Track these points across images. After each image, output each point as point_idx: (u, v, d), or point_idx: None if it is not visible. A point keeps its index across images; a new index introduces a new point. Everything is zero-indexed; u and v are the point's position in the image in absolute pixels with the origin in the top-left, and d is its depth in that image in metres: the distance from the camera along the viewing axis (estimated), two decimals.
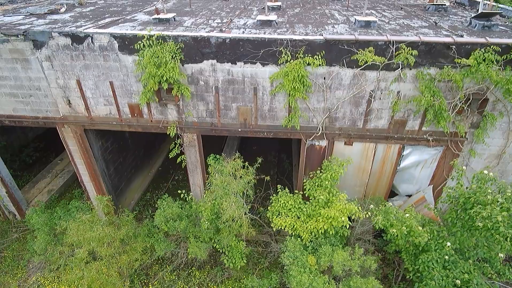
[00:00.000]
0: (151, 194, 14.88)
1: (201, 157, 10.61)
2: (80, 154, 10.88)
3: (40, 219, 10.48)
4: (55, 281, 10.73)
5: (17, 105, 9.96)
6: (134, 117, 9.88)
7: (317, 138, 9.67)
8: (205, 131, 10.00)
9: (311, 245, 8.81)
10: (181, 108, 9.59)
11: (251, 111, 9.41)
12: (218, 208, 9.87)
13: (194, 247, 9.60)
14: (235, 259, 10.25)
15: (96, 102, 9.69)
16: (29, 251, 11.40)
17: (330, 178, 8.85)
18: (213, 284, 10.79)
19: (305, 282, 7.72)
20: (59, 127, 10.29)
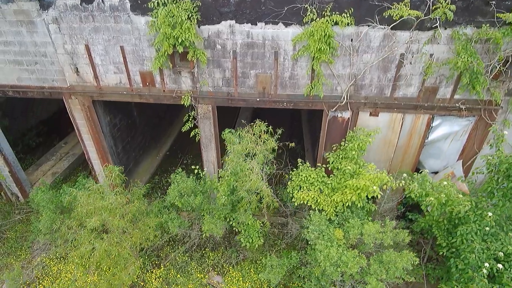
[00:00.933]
0: (160, 178, 14.32)
1: (215, 131, 10.02)
2: (88, 129, 10.31)
3: (46, 196, 9.91)
4: (61, 262, 10.17)
5: (21, 73, 9.38)
6: (146, 86, 9.30)
7: (340, 108, 9.08)
8: (220, 102, 9.42)
9: (336, 219, 8.23)
10: (196, 76, 9.00)
11: (270, 79, 8.82)
12: (235, 182, 9.30)
13: (209, 223, 9.02)
14: (251, 238, 9.70)
15: (105, 70, 9.12)
16: (33, 232, 10.83)
17: (357, 148, 8.26)
18: (228, 265, 10.22)
19: (334, 256, 7.13)
20: (66, 99, 9.72)
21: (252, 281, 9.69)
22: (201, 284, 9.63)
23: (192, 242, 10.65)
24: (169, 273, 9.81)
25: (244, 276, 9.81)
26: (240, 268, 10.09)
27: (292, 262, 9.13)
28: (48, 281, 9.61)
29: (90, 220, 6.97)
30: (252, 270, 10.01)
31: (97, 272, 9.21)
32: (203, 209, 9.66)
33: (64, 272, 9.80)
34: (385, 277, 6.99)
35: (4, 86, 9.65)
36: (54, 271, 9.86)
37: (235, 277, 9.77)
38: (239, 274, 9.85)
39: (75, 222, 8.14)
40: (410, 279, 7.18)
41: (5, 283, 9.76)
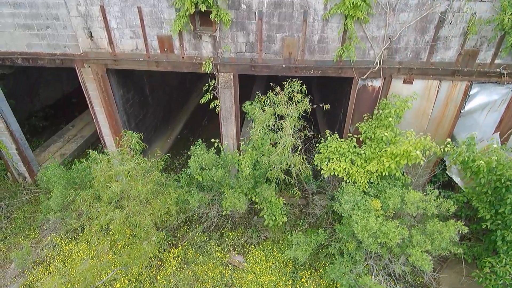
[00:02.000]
0: (172, 160, 13.75)
1: (236, 102, 9.45)
2: (101, 101, 9.75)
3: (57, 171, 9.36)
4: (72, 241, 9.62)
5: (32, 39, 8.83)
6: (164, 52, 8.73)
7: (371, 76, 8.51)
8: (243, 69, 8.85)
9: (371, 191, 7.66)
10: (218, 41, 8.44)
11: (298, 43, 8.25)
12: (260, 155, 8.77)
13: (232, 198, 8.46)
14: (274, 216, 9.15)
15: (121, 34, 8.56)
16: (42, 212, 10.28)
17: (394, 114, 7.69)
18: (249, 245, 9.65)
19: (373, 227, 6.57)
20: (79, 67, 9.16)
21: (276, 261, 9.13)
22: (222, 264, 9.07)
23: (210, 221, 10.11)
24: (188, 253, 9.24)
25: (267, 256, 9.24)
26: (262, 248, 9.52)
27: (319, 239, 8.56)
28: (59, 260, 9.06)
29: (111, 185, 6.39)
30: (275, 250, 9.45)
31: (113, 247, 8.66)
32: (223, 184, 9.11)
33: (76, 251, 9.24)
34: (430, 248, 6.42)
35: (13, 53, 9.09)
36: (65, 250, 9.31)
37: (258, 256, 9.20)
38: (262, 254, 9.28)
39: (91, 194, 7.59)
40: (457, 250, 6.60)
41: (13, 262, 9.22)
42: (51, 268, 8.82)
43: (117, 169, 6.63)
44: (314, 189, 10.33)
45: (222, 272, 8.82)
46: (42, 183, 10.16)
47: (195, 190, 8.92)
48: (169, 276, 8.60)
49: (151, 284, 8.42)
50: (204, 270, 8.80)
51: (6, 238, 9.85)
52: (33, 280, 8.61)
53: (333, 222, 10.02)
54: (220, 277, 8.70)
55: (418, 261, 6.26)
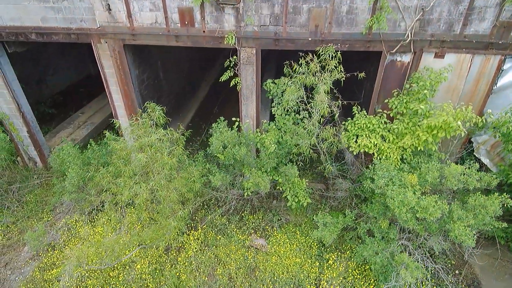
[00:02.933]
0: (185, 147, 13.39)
1: (258, 79, 9.11)
2: (117, 79, 9.42)
3: (72, 151, 9.04)
4: (88, 224, 9.28)
5: (47, 12, 8.49)
6: (184, 26, 8.39)
7: (400, 50, 8.16)
8: (266, 44, 8.51)
9: (404, 166, 7.33)
10: (241, 13, 8.10)
11: (325, 14, 7.91)
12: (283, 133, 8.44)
13: (256, 177, 8.13)
14: (298, 197, 8.82)
15: (140, 7, 8.22)
16: (55, 195, 9.98)
17: (429, 86, 7.34)
18: (270, 228, 9.32)
19: (411, 201, 6.22)
20: (95, 42, 8.82)
21: (300, 243, 8.79)
22: (243, 246, 8.73)
23: (229, 205, 9.78)
24: (208, 235, 8.90)
25: (290, 239, 8.91)
26: (285, 231, 9.19)
27: (346, 220, 8.23)
28: (74, 242, 8.72)
29: (138, 155, 6.05)
30: (297, 233, 9.11)
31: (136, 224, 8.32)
32: (243, 164, 8.77)
33: (92, 233, 8.91)
34: (473, 223, 6.07)
35: (27, 28, 8.75)
36: (80, 233, 8.97)
37: (281, 239, 8.86)
38: (284, 237, 8.95)
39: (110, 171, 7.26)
40: (501, 225, 6.25)
41: (26, 245, 8.89)
42: (67, 250, 8.49)
43: (142, 140, 6.29)
44: (335, 172, 10.01)
45: (244, 254, 8.48)
46: (55, 165, 9.88)
47: (216, 169, 8.59)
48: (190, 258, 8.27)
49: (172, 266, 8.08)
50: (226, 252, 8.47)
51: (18, 221, 9.51)
52: (48, 263, 8.28)
53: (356, 206, 9.71)
54: (242, 259, 8.36)
55: (460, 236, 5.92)
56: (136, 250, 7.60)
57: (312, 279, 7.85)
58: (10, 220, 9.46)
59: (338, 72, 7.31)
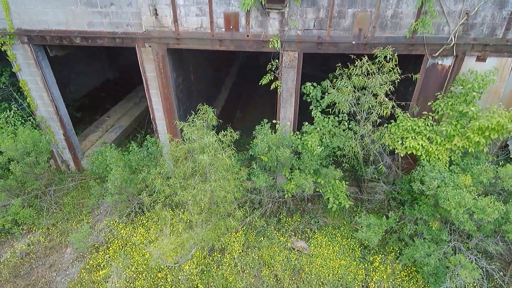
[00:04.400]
0: None
1: (298, 83, 9.23)
2: (158, 83, 9.56)
3: (114, 153, 9.13)
4: (128, 226, 9.33)
5: (93, 17, 8.67)
6: (229, 30, 8.55)
7: (443, 54, 8.28)
8: (308, 48, 8.65)
9: (454, 168, 7.38)
10: (286, 18, 8.25)
11: (369, 18, 8.06)
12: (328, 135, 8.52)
13: (300, 179, 8.20)
14: (338, 200, 8.86)
15: (187, 12, 8.39)
16: (92, 197, 10.04)
17: (478, 89, 7.44)
18: (310, 231, 9.34)
19: (468, 202, 6.27)
20: (139, 46, 8.98)
21: (341, 246, 8.80)
22: (286, 248, 8.75)
23: (266, 207, 9.83)
24: (249, 237, 8.93)
25: (332, 241, 8.92)
26: (324, 233, 9.21)
27: (389, 222, 8.26)
28: (117, 244, 8.76)
29: (199, 156, 6.13)
30: (338, 235, 9.13)
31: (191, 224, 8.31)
32: (284, 166, 8.84)
33: (134, 235, 8.95)
34: None
35: (72, 32, 8.93)
36: (122, 234, 9.01)
37: (321, 241, 8.88)
38: (325, 239, 8.97)
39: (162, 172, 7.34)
40: None
41: (68, 247, 8.93)
42: (111, 252, 8.52)
43: (202, 141, 6.38)
44: (370, 175, 10.06)
45: (288, 256, 8.49)
46: (93, 168, 9.95)
47: (259, 171, 8.66)
48: (235, 259, 8.29)
49: (217, 268, 8.10)
50: (269, 254, 8.48)
51: (57, 223, 9.56)
52: (93, 264, 8.31)
53: (394, 208, 9.75)
54: (286, 261, 8.38)
55: None
56: (194, 250, 7.64)
57: (359, 281, 7.85)
58: (50, 222, 9.51)
59: (394, 74, 7.41)
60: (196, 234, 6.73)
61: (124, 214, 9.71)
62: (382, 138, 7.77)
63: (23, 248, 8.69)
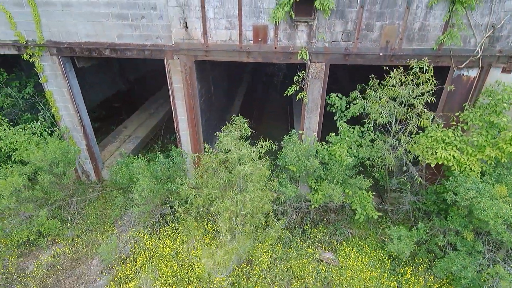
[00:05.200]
0: None
1: (323, 93, 9.32)
2: (184, 94, 9.65)
3: (140, 164, 9.14)
4: (153, 237, 9.25)
5: (124, 30, 8.83)
6: (257, 43, 8.69)
7: (468, 65, 8.40)
8: (335, 59, 8.78)
9: (487, 178, 7.39)
10: (314, 30, 8.41)
11: (397, 31, 8.21)
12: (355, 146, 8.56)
13: (329, 189, 8.19)
14: (365, 211, 8.83)
15: (216, 25, 8.55)
16: (114, 208, 10.00)
17: (508, 99, 7.52)
18: (336, 242, 9.27)
19: (506, 213, 6.26)
20: (167, 58, 9.11)
21: (369, 257, 8.72)
22: (314, 260, 8.66)
23: (290, 217, 9.78)
24: (276, 248, 8.85)
25: (360, 252, 8.85)
26: (352, 245, 9.13)
27: (420, 233, 8.21)
28: (144, 255, 8.67)
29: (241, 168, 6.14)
30: (366, 246, 9.05)
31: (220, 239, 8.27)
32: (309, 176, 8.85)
33: (161, 246, 8.87)
34: None
35: (102, 44, 9.07)
36: (148, 245, 8.94)
37: (349, 253, 8.80)
38: (353, 250, 8.89)
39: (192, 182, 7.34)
40: None
41: (94, 258, 8.84)
42: (138, 263, 8.43)
43: (241, 152, 6.41)
44: (395, 185, 10.05)
45: (317, 268, 8.40)
46: (118, 178, 9.94)
47: (287, 181, 8.66)
48: (263, 271, 8.20)
49: (247, 279, 8.01)
50: (298, 266, 8.39)
51: (82, 234, 9.50)
52: (122, 276, 8.21)
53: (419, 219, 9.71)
54: (316, 273, 8.29)
55: None
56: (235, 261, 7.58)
57: None
58: (74, 233, 9.45)
59: (430, 85, 7.52)
60: (241, 246, 6.68)
61: (148, 224, 9.66)
62: (412, 148, 7.80)
63: (49, 260, 8.61)
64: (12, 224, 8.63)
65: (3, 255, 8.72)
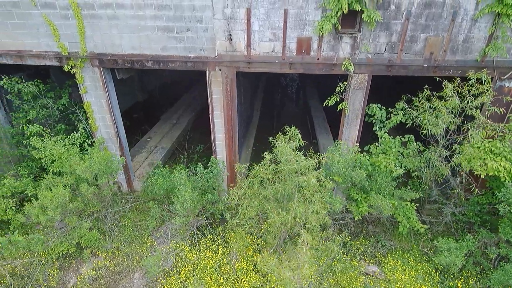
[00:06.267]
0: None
1: (364, 105, 9.35)
2: (223, 104, 9.69)
3: (181, 174, 9.09)
4: (194, 249, 9.12)
5: (168, 42, 8.92)
6: (300, 54, 8.78)
7: (511, 77, 8.47)
8: (378, 71, 8.85)
9: None
10: (357, 42, 8.50)
11: (441, 43, 8.30)
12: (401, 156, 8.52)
13: (377, 200, 8.12)
14: (410, 223, 8.73)
15: (261, 37, 8.65)
16: (151, 219, 9.90)
17: None
18: (380, 254, 9.12)
19: None
20: (209, 70, 9.18)
21: (416, 270, 8.57)
22: (360, 273, 8.51)
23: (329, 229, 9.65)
24: (320, 261, 8.70)
25: (405, 265, 8.69)
26: (396, 257, 8.98)
27: (469, 245, 8.09)
28: (187, 268, 8.52)
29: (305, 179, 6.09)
30: (411, 259, 8.91)
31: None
32: (355, 186, 8.78)
33: (203, 258, 8.73)
34: None
35: (145, 56, 9.15)
36: (190, 257, 8.80)
37: (396, 266, 8.64)
38: (398, 263, 8.74)
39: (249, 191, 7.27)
40: None
41: (136, 271, 8.68)
42: (182, 276, 8.28)
43: (302, 163, 6.38)
44: (433, 197, 9.97)
45: (365, 282, 8.25)
46: (156, 188, 9.86)
47: (332, 192, 8.59)
48: (311, 285, 8.03)
49: None
50: (345, 279, 8.23)
51: (121, 246, 9.36)
52: None
53: (459, 231, 9.62)
54: (364, 286, 8.12)
55: None
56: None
57: None
58: (113, 245, 9.31)
59: (488, 96, 7.57)
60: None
61: (186, 236, 9.54)
62: (461, 159, 7.78)
63: (91, 274, 8.45)
64: (56, 237, 8.50)
65: (43, 268, 8.57)
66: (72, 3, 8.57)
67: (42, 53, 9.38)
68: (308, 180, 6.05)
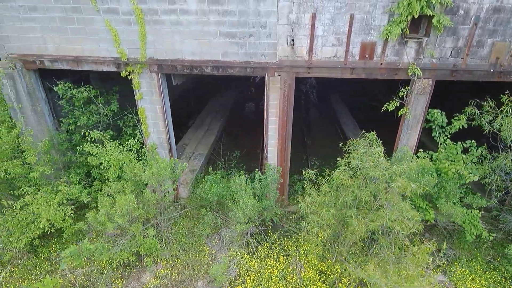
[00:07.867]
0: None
1: (426, 110, 9.24)
2: (279, 111, 9.61)
3: (241, 181, 8.97)
4: (253, 256, 8.93)
5: (230, 47, 8.89)
6: (363, 59, 8.73)
7: None
8: (442, 75, 8.78)
9: None
10: (423, 47, 8.45)
11: (508, 48, 8.24)
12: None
13: (448, 207, 7.95)
14: (477, 230, 8.54)
15: (324, 42, 8.61)
16: (205, 227, 9.76)
17: None
18: (444, 263, 8.90)
19: None
20: (268, 75, 9.13)
21: (485, 279, 8.34)
22: (430, 284, 8.27)
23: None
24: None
25: (474, 274, 8.47)
26: (463, 266, 8.76)
27: None
28: (252, 277, 8.33)
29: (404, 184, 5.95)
30: (478, 267, 8.69)
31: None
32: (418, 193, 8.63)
33: (266, 267, 8.54)
34: None
35: (205, 61, 9.11)
36: (252, 266, 8.61)
37: (465, 275, 8.43)
38: (466, 272, 8.52)
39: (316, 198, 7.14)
40: None
41: (199, 280, 8.49)
42: (249, 285, 8.08)
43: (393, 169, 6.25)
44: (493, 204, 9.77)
45: None
46: (210, 195, 9.73)
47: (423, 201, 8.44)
48: None
49: None
50: None
51: (178, 254, 9.19)
52: None
53: None
54: None
55: None
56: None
57: None
58: (170, 253, 9.15)
59: None
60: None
61: (242, 243, 9.37)
62: None
63: (155, 283, 8.27)
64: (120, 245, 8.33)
65: (106, 278, 8.40)
66: (136, 9, 8.59)
67: (101, 58, 9.37)
68: (405, 185, 5.92)
